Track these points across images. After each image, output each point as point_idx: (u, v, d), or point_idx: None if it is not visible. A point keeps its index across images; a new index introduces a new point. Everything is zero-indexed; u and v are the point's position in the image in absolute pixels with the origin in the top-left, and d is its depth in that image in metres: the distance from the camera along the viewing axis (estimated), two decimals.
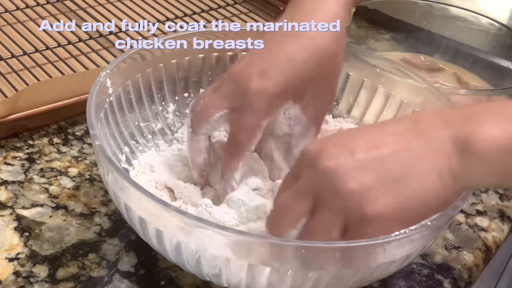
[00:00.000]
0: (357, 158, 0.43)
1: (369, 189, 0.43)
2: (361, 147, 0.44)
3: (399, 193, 0.43)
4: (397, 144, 0.44)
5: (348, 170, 0.43)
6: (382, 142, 0.44)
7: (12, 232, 0.57)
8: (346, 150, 0.44)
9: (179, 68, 0.65)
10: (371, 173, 0.43)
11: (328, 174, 0.43)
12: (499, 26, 0.83)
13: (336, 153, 0.44)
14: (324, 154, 0.44)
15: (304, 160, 0.46)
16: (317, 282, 0.47)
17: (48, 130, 0.70)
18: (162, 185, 0.58)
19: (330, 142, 0.46)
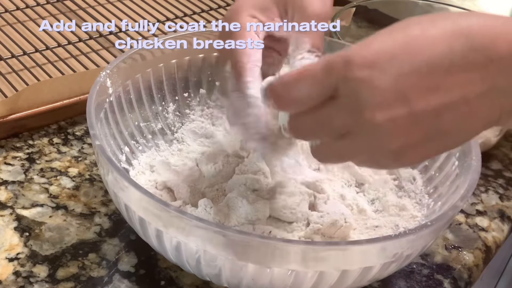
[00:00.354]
0: (413, 110, 0.38)
1: (412, 147, 0.39)
2: (420, 93, 0.38)
3: (440, 147, 0.40)
4: (459, 92, 0.38)
5: (399, 127, 0.38)
6: (445, 85, 0.38)
7: (12, 232, 0.57)
8: (403, 96, 0.38)
9: (179, 68, 0.65)
10: (421, 129, 0.39)
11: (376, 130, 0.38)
12: None
13: (390, 100, 0.38)
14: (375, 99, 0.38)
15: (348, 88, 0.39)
16: (317, 282, 0.47)
17: (48, 130, 0.70)
18: (162, 185, 0.58)
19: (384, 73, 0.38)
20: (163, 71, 0.64)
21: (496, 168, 0.72)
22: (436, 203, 0.57)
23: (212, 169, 0.60)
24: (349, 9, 0.83)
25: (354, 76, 0.38)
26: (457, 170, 0.55)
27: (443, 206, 0.54)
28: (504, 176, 0.71)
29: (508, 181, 0.70)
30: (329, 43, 0.68)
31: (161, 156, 0.63)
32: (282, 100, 0.42)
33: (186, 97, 0.67)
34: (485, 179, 0.70)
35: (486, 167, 0.72)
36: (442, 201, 0.55)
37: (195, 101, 0.67)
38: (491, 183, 0.70)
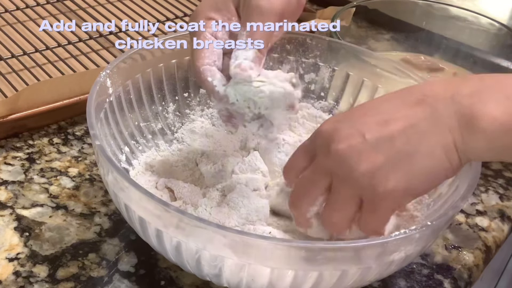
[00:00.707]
0: (368, 138, 0.45)
1: (380, 169, 0.45)
2: (371, 127, 0.46)
3: (408, 170, 0.45)
4: (406, 120, 0.45)
5: (359, 152, 0.45)
6: (391, 118, 0.46)
7: (12, 232, 0.57)
8: (357, 131, 0.46)
9: (179, 68, 0.65)
10: (381, 154, 0.45)
11: (341, 157, 0.46)
12: (499, 26, 0.83)
13: (348, 135, 0.46)
14: (336, 137, 0.46)
15: (318, 140, 0.48)
16: (317, 282, 0.47)
17: (48, 130, 0.70)
18: (162, 185, 0.58)
19: (342, 122, 0.48)
20: (163, 71, 0.64)
21: (496, 168, 0.72)
22: (436, 203, 0.57)
23: (211, 169, 0.60)
24: (349, 9, 0.83)
25: (320, 130, 0.48)
26: None
27: (443, 206, 0.54)
28: (504, 176, 0.71)
29: (508, 181, 0.70)
30: (329, 43, 0.68)
31: (161, 156, 0.63)
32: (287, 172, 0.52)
33: (186, 97, 0.67)
34: (485, 179, 0.70)
35: (486, 167, 0.72)
36: (442, 201, 0.55)
37: (195, 101, 0.67)
38: (491, 183, 0.70)
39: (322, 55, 0.68)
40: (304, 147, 0.51)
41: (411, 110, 0.46)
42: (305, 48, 0.68)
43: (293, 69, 0.68)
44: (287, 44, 0.68)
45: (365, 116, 0.47)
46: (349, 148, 0.46)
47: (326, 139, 0.47)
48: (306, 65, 0.68)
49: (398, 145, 0.45)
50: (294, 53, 0.68)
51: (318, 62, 0.68)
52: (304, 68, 0.68)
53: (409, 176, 0.45)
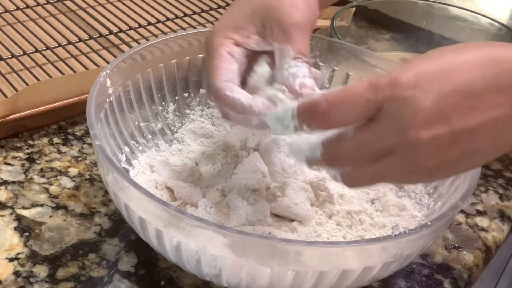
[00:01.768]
0: (453, 128, 0.40)
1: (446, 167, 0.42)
2: (460, 110, 0.40)
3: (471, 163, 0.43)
4: (491, 112, 0.41)
5: (438, 146, 0.41)
6: (480, 105, 0.40)
7: (12, 232, 0.57)
8: (443, 114, 0.40)
9: (179, 68, 0.65)
10: (456, 151, 0.41)
11: (418, 145, 0.41)
12: (499, 26, 0.83)
13: (433, 118, 0.40)
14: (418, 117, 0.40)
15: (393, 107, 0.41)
16: (317, 282, 0.47)
17: (48, 130, 0.70)
18: (162, 185, 0.58)
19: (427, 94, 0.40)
20: (163, 71, 0.64)
21: (496, 168, 0.72)
22: (436, 203, 0.57)
23: (211, 169, 0.60)
24: (349, 9, 0.83)
25: (401, 95, 0.40)
26: None
27: (443, 206, 0.54)
28: (504, 176, 0.71)
29: (508, 181, 0.70)
30: (329, 43, 0.68)
31: (161, 156, 0.63)
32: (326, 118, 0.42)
33: (186, 97, 0.67)
34: (485, 179, 0.70)
35: (486, 167, 0.72)
36: (442, 201, 0.55)
37: (195, 101, 0.67)
38: (491, 183, 0.70)
39: (322, 55, 0.68)
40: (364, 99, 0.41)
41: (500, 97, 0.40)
42: None
43: None
44: None
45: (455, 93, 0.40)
46: (432, 140, 0.40)
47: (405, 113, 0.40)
48: None
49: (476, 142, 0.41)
50: None
51: (318, 62, 0.68)
52: None
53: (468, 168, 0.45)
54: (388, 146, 0.41)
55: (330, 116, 0.42)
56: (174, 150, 0.64)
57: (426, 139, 0.40)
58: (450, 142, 0.41)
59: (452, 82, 0.41)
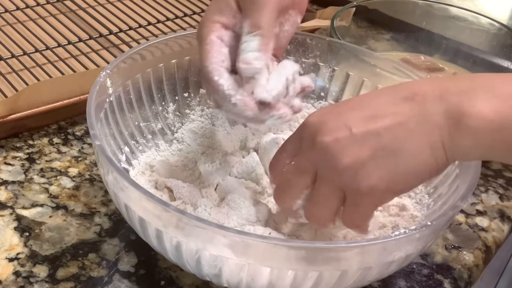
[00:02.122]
0: (354, 132, 0.45)
1: (364, 165, 0.45)
2: (358, 121, 0.45)
3: (393, 168, 0.45)
4: (394, 118, 0.45)
5: (344, 146, 0.45)
6: (379, 114, 0.45)
7: (12, 232, 0.57)
8: (344, 124, 0.46)
9: (179, 68, 0.65)
10: (367, 149, 0.45)
11: (326, 149, 0.46)
12: (499, 26, 0.83)
13: (334, 128, 0.46)
14: (322, 129, 0.46)
15: (305, 132, 0.48)
16: (317, 282, 0.47)
17: (48, 130, 0.70)
18: (162, 185, 0.58)
19: (329, 114, 0.47)
20: (163, 71, 0.64)
21: (496, 168, 0.72)
22: (436, 203, 0.57)
23: (209, 168, 0.60)
24: (349, 9, 0.83)
25: (307, 121, 0.48)
26: (457, 170, 0.55)
27: (443, 206, 0.54)
28: (504, 176, 0.71)
29: (508, 181, 0.70)
30: (329, 43, 0.68)
31: (161, 156, 0.63)
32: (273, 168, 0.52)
33: (186, 97, 0.67)
34: (485, 179, 0.70)
35: (486, 167, 0.72)
36: (442, 201, 0.55)
37: (195, 101, 0.67)
38: (491, 183, 0.70)
39: (322, 55, 0.68)
40: (289, 141, 0.51)
41: (400, 107, 0.45)
42: (305, 48, 0.68)
43: None
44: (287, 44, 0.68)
45: (352, 111, 0.47)
46: (335, 141, 0.45)
47: (312, 131, 0.47)
48: (306, 65, 0.68)
49: (385, 142, 0.45)
50: (294, 53, 0.68)
51: (318, 62, 0.68)
52: (304, 68, 0.68)
53: (393, 174, 0.45)
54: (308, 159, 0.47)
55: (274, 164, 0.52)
56: (174, 150, 0.64)
57: (329, 141, 0.45)
58: (355, 143, 0.45)
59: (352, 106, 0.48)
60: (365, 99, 0.48)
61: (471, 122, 0.44)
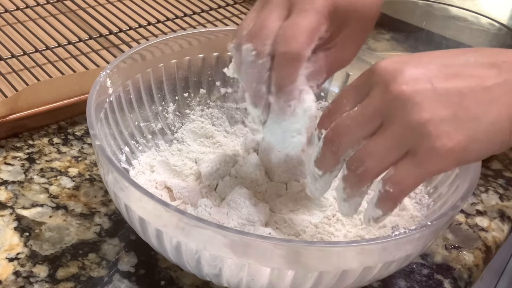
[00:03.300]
0: (436, 87, 0.41)
1: (443, 123, 0.41)
2: (441, 75, 0.42)
3: (471, 133, 0.42)
4: (479, 79, 0.42)
5: (424, 99, 0.41)
6: (464, 73, 0.42)
7: (12, 232, 0.57)
8: (425, 76, 0.42)
9: (179, 68, 0.65)
10: (448, 107, 0.41)
11: (403, 100, 0.41)
12: (499, 26, 0.83)
13: (414, 77, 0.42)
14: (400, 76, 0.42)
15: (376, 77, 0.43)
16: (317, 282, 0.47)
17: (48, 130, 0.70)
18: (162, 185, 0.58)
19: (405, 64, 0.42)
20: (163, 71, 0.64)
21: (496, 168, 0.72)
22: (436, 203, 0.57)
23: (208, 168, 0.60)
24: None
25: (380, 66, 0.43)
26: (457, 170, 0.55)
27: (443, 206, 0.54)
28: (504, 176, 0.71)
29: (508, 181, 0.70)
30: None
31: (161, 156, 0.63)
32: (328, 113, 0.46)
33: (186, 97, 0.67)
34: (485, 179, 0.70)
35: (486, 167, 0.72)
36: (442, 201, 0.55)
37: (195, 101, 0.67)
38: (491, 183, 0.70)
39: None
40: (353, 86, 0.45)
41: (485, 71, 0.42)
42: None
43: None
44: None
45: (433, 64, 0.42)
46: (414, 93, 0.41)
47: (385, 78, 0.42)
48: None
49: (467, 103, 0.41)
50: None
51: None
52: None
53: (471, 139, 0.42)
54: (376, 107, 0.42)
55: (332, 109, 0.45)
56: (174, 150, 0.64)
57: (408, 92, 0.41)
58: (437, 98, 0.41)
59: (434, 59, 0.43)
60: (445, 54, 0.44)
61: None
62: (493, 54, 0.43)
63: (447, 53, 0.44)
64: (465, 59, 0.43)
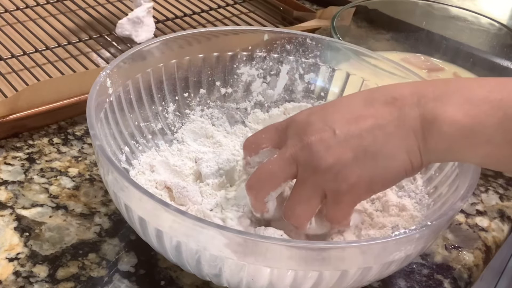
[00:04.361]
0: (338, 134, 0.48)
1: (346, 164, 0.48)
2: (342, 123, 0.48)
3: (372, 169, 0.48)
4: (374, 120, 0.48)
5: (328, 146, 0.48)
6: (361, 116, 0.48)
7: (12, 232, 0.57)
8: (328, 127, 0.48)
9: (179, 68, 0.65)
10: (349, 150, 0.48)
11: (311, 148, 0.48)
12: (499, 26, 0.83)
13: (320, 129, 0.49)
14: (309, 129, 0.49)
15: (291, 130, 0.51)
16: (317, 282, 0.47)
17: (48, 130, 0.70)
18: (162, 185, 0.58)
19: (315, 116, 0.50)
20: (163, 71, 0.64)
21: None
22: (436, 203, 0.57)
23: (209, 168, 0.60)
24: (349, 9, 0.83)
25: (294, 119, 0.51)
26: (457, 170, 0.55)
27: (443, 206, 0.54)
28: (504, 176, 0.71)
29: (508, 181, 0.70)
30: (329, 43, 0.68)
31: (161, 156, 0.63)
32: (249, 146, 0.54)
33: (186, 97, 0.67)
34: (485, 179, 0.70)
35: None
36: (442, 201, 0.55)
37: (195, 101, 0.67)
38: (491, 183, 0.70)
39: (322, 55, 0.68)
40: (274, 128, 0.53)
41: (380, 110, 0.48)
42: (305, 48, 0.68)
43: (293, 69, 0.68)
44: (287, 44, 0.68)
45: (337, 113, 0.49)
46: (320, 141, 0.48)
47: (298, 130, 0.50)
48: (306, 65, 0.68)
49: (365, 143, 0.47)
50: (294, 53, 0.68)
51: (318, 62, 0.68)
52: (304, 68, 0.68)
53: (371, 174, 0.48)
54: (292, 154, 0.49)
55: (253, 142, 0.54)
56: (174, 150, 0.64)
57: (315, 141, 0.48)
58: (339, 144, 0.48)
59: (337, 107, 0.50)
60: (348, 101, 0.51)
61: (444, 127, 0.46)
62: (389, 93, 0.49)
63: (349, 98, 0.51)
64: (364, 103, 0.49)
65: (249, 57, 0.68)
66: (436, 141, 0.47)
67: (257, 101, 0.69)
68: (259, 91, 0.69)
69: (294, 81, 0.69)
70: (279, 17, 0.95)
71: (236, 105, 0.68)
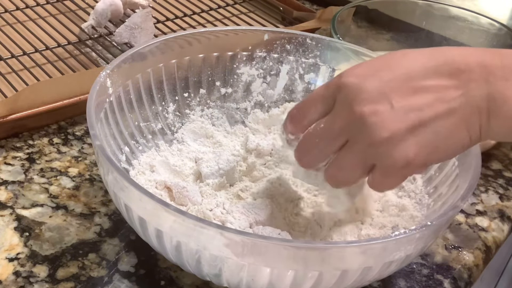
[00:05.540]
0: (395, 106, 0.44)
1: (402, 140, 0.44)
2: (400, 93, 0.44)
3: (431, 145, 0.45)
4: (436, 94, 0.44)
5: (384, 120, 0.44)
6: (422, 87, 0.44)
7: (12, 232, 0.57)
8: (384, 96, 0.44)
9: (179, 68, 0.65)
10: (407, 124, 0.44)
11: (365, 121, 0.45)
12: (499, 26, 0.83)
13: (375, 99, 0.44)
14: (362, 97, 0.45)
15: (341, 94, 0.46)
16: (317, 282, 0.47)
17: (48, 130, 0.70)
18: (162, 185, 0.58)
19: (368, 80, 0.45)
20: (163, 71, 0.64)
21: (496, 168, 0.72)
22: (436, 203, 0.57)
23: (209, 168, 0.60)
24: (349, 9, 0.83)
25: (345, 82, 0.46)
26: (457, 170, 0.55)
27: (443, 206, 0.54)
28: (504, 176, 0.71)
29: (508, 181, 0.70)
30: (329, 43, 0.68)
31: (161, 156, 0.63)
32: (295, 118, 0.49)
33: (186, 97, 0.67)
34: (485, 179, 0.70)
35: (486, 167, 0.72)
36: (442, 201, 0.55)
37: (195, 101, 0.67)
38: (491, 183, 0.70)
39: (322, 55, 0.68)
40: (320, 96, 0.48)
41: (443, 81, 0.44)
42: (305, 48, 0.68)
43: (293, 69, 0.68)
44: (287, 44, 0.68)
45: (394, 79, 0.45)
46: (375, 114, 0.44)
47: (350, 96, 0.45)
48: (306, 65, 0.68)
49: (426, 118, 0.44)
50: (294, 53, 0.68)
51: (318, 62, 0.68)
52: (304, 68, 0.68)
53: (430, 151, 0.45)
54: (341, 126, 0.46)
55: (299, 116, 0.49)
56: (174, 150, 0.64)
57: (368, 113, 0.44)
58: (395, 117, 0.44)
59: (394, 71, 0.45)
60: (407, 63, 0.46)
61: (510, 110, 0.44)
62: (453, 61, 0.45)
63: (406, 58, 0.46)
64: (424, 67, 0.45)
65: (249, 57, 0.68)
66: (501, 123, 0.44)
67: (257, 101, 0.69)
68: (259, 91, 0.69)
69: (294, 81, 0.69)
70: (279, 17, 0.95)
71: (236, 105, 0.68)
